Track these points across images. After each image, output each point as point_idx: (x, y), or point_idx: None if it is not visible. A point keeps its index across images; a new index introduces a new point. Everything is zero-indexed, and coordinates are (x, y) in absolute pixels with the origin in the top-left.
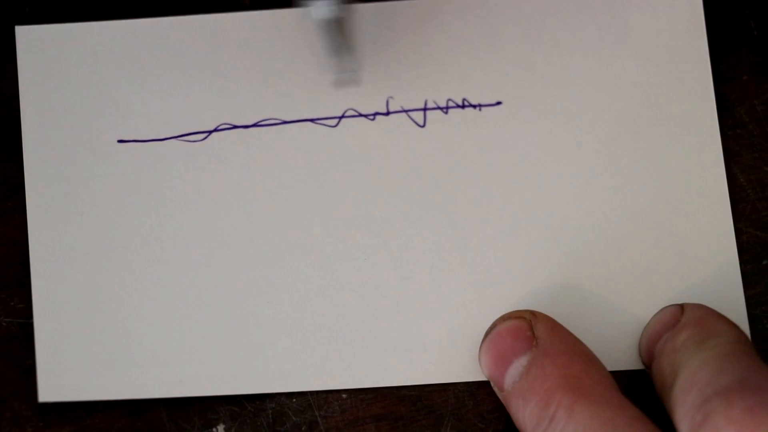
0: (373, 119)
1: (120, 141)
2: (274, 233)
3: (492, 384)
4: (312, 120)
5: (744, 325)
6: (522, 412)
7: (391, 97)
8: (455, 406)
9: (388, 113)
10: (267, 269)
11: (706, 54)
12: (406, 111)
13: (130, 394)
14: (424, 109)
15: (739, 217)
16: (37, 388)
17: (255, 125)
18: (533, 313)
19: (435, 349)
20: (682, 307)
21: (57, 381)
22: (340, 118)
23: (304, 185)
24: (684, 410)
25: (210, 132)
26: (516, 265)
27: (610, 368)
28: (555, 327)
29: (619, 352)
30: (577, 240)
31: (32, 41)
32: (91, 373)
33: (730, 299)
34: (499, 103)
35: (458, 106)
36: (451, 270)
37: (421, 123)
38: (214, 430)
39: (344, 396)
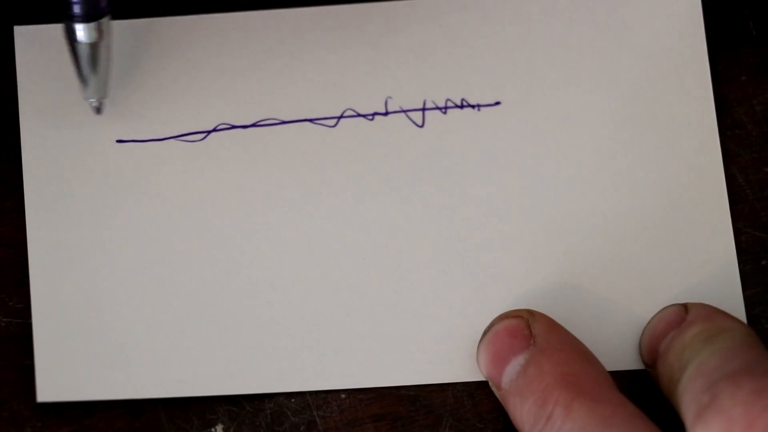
0: (371, 119)
1: (119, 141)
2: (272, 233)
3: (490, 383)
4: (311, 120)
5: None
6: (519, 410)
7: (390, 97)
8: (454, 406)
9: (386, 113)
10: (266, 269)
11: (705, 54)
12: (404, 111)
13: (129, 394)
14: (423, 109)
15: (738, 217)
16: (36, 388)
17: (254, 125)
18: (530, 312)
19: (434, 349)
20: (685, 306)
21: (55, 381)
22: (339, 118)
23: (303, 185)
24: (691, 396)
25: (209, 132)
26: (514, 264)
27: (609, 368)
28: (552, 325)
29: (618, 352)
30: (576, 240)
31: (31, 41)
32: (90, 373)
33: (729, 299)
34: (497, 103)
35: (457, 106)
36: (450, 270)
37: (420, 123)
38: (212, 430)
39: (343, 396)
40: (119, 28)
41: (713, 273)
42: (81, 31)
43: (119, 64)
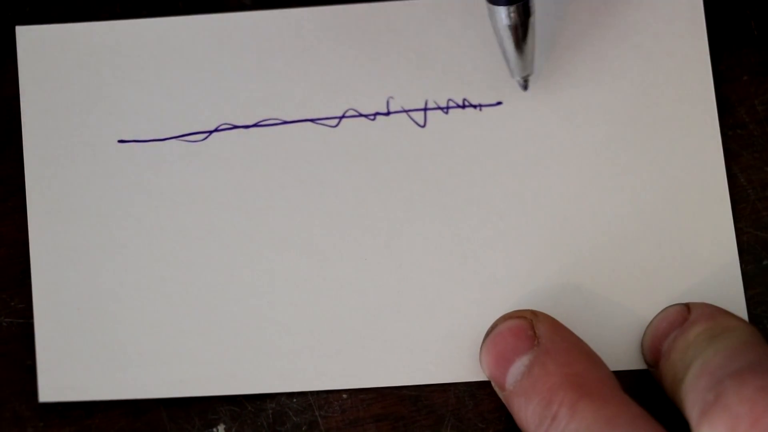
0: (373, 119)
1: (120, 141)
2: (274, 233)
3: (493, 384)
4: (312, 120)
5: None
6: (524, 411)
7: (392, 97)
8: (456, 406)
9: (388, 113)
10: (267, 269)
11: (707, 54)
12: (406, 111)
13: (130, 394)
14: (425, 109)
15: (740, 218)
16: (38, 388)
17: (255, 125)
18: (534, 313)
19: (435, 349)
20: (687, 306)
21: (57, 381)
22: (341, 118)
23: (305, 185)
24: (696, 395)
25: (210, 132)
26: (516, 265)
27: (611, 368)
28: (556, 326)
29: (620, 352)
30: (578, 240)
31: (32, 41)
32: (91, 373)
33: (731, 299)
34: (499, 103)
35: (459, 106)
36: (452, 270)
37: (422, 123)
38: (214, 430)
39: (345, 396)
40: (120, 29)
41: (715, 273)
42: (503, 13)
43: (119, 64)
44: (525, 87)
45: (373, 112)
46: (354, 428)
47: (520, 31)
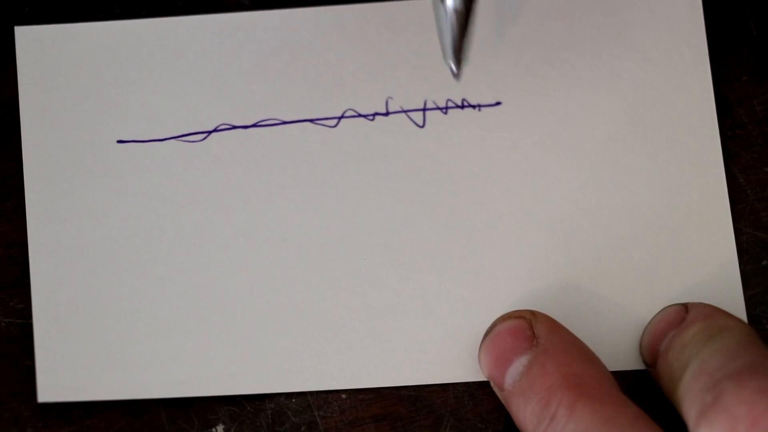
0: (372, 119)
1: (119, 141)
2: (273, 233)
3: (492, 384)
4: (311, 120)
5: None
6: (522, 411)
7: (391, 98)
8: (455, 407)
9: (387, 113)
10: (266, 269)
11: (706, 54)
12: (405, 111)
13: (130, 394)
14: (424, 110)
15: (739, 218)
16: (37, 389)
17: (254, 125)
18: (533, 313)
19: (434, 349)
20: (685, 306)
21: (56, 381)
22: (340, 118)
23: (304, 185)
24: (693, 396)
25: (209, 132)
26: (515, 265)
27: (610, 368)
28: (555, 326)
29: (619, 352)
30: (577, 240)
31: (32, 41)
32: (91, 373)
33: (730, 299)
34: (498, 103)
35: (457, 106)
36: (451, 270)
37: (421, 123)
38: (213, 430)
39: (344, 396)
40: (120, 29)
41: (714, 273)
42: None
43: (119, 64)
44: (457, 75)
45: (372, 112)
46: (353, 428)
47: (464, 17)
